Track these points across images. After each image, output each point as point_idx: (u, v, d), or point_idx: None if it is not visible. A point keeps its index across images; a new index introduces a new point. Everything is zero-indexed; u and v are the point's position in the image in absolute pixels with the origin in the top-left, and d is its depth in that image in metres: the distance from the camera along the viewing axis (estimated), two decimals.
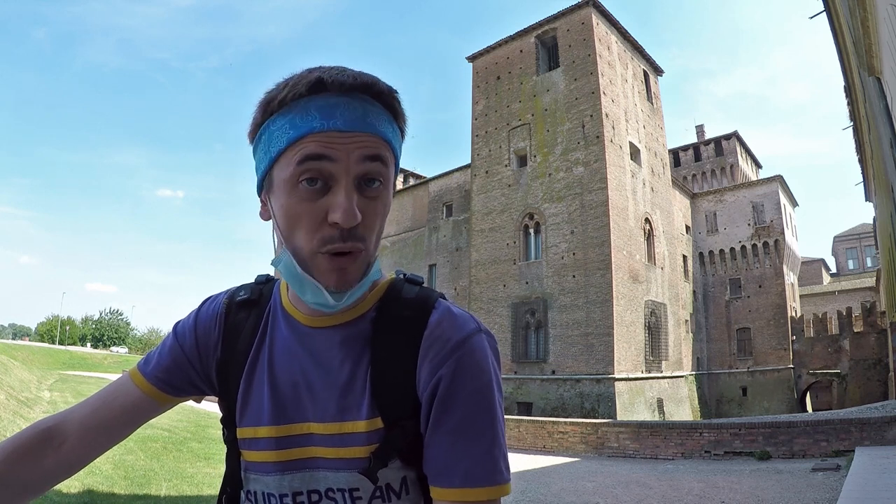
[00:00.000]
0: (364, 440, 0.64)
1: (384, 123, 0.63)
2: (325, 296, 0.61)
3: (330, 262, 0.60)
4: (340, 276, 0.61)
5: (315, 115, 0.60)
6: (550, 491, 8.55)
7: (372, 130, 0.61)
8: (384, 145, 0.62)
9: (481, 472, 0.61)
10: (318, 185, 0.59)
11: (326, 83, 0.60)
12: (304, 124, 0.60)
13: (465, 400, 0.63)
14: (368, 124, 0.61)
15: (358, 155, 0.60)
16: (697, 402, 28.37)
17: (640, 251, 24.71)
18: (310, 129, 0.59)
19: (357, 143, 0.60)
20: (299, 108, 0.60)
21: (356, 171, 0.60)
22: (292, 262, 0.62)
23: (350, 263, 0.61)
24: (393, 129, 0.65)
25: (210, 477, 7.39)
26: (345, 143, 0.59)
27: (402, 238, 32.48)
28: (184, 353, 0.73)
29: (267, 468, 0.67)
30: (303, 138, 0.59)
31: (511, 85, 27.18)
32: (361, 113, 0.61)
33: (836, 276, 48.19)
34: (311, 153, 0.59)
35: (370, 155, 0.60)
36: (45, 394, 16.60)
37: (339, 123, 0.59)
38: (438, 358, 0.64)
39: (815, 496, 7.32)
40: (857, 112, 11.08)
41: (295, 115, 0.60)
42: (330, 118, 0.59)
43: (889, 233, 11.36)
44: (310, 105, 0.60)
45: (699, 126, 46.02)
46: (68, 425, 0.69)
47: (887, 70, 4.98)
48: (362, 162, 0.60)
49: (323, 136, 0.59)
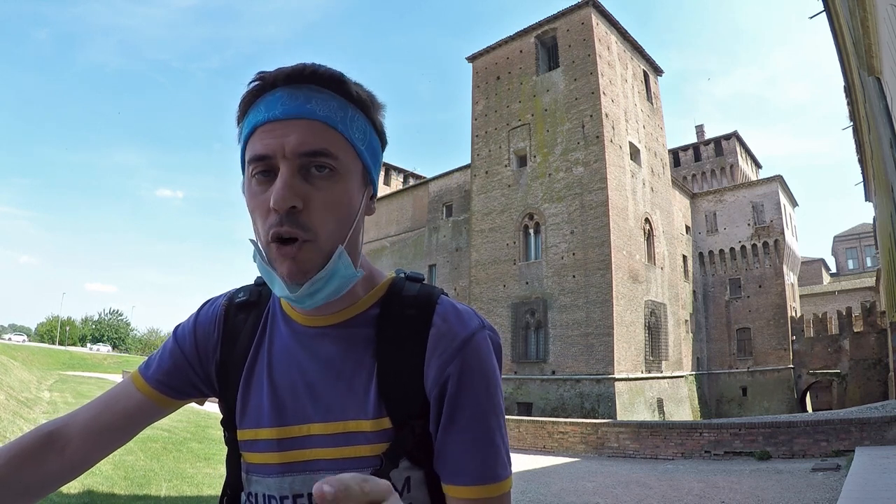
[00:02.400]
0: (369, 439, 0.64)
1: (331, 108, 0.62)
2: (286, 289, 0.61)
3: (278, 250, 0.60)
4: (291, 266, 0.60)
5: (262, 110, 0.62)
6: (550, 491, 8.54)
7: (311, 115, 0.61)
8: (327, 129, 0.61)
9: (490, 468, 0.63)
10: (269, 176, 0.61)
11: (269, 78, 0.62)
12: (254, 120, 0.62)
13: (474, 398, 0.64)
14: (308, 110, 0.61)
15: (294, 142, 0.60)
16: (697, 402, 28.37)
17: (639, 251, 24.71)
18: (256, 122, 0.61)
19: (294, 129, 0.60)
20: (254, 107, 0.63)
21: (295, 158, 0.60)
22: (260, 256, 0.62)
23: (296, 252, 0.60)
24: (345, 113, 0.63)
25: (210, 477, 7.38)
26: (282, 132, 0.60)
27: (401, 238, 32.48)
28: (184, 356, 0.73)
29: (268, 470, 0.67)
30: (253, 134, 0.62)
31: (511, 85, 27.18)
32: (303, 100, 0.61)
33: (836, 276, 48.18)
34: (254, 155, 0.61)
35: (308, 141, 0.60)
36: (45, 394, 16.60)
37: (277, 112, 0.60)
38: (446, 356, 0.64)
39: (815, 496, 7.32)
40: (857, 112, 11.08)
41: (250, 115, 0.63)
42: (272, 109, 0.61)
43: (889, 233, 11.36)
44: (260, 103, 0.62)
45: (699, 126, 46.04)
46: (71, 429, 0.70)
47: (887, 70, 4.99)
48: (300, 150, 0.60)
49: (265, 127, 0.61)
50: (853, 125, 13.04)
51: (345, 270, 0.62)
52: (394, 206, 33.49)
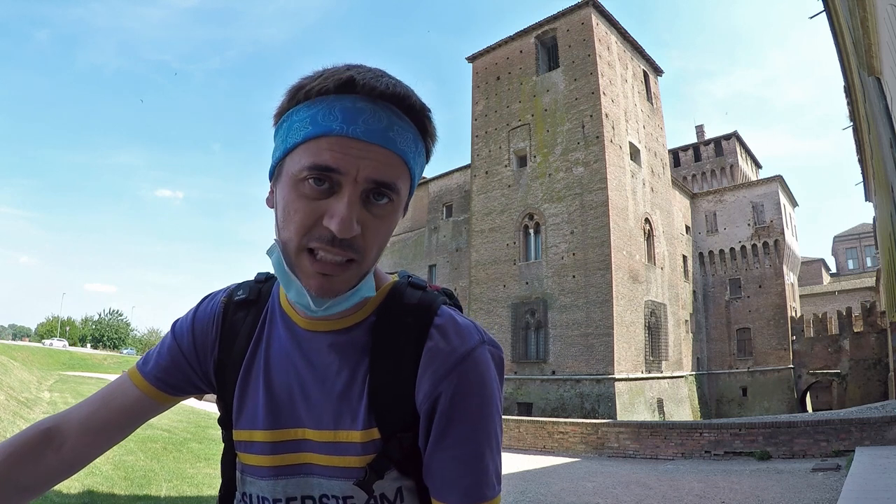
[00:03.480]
0: (359, 450, 0.63)
1: (407, 141, 0.60)
2: (307, 298, 0.59)
3: (314, 265, 0.58)
4: (324, 283, 0.59)
5: (337, 116, 0.57)
6: (550, 491, 8.54)
7: (391, 147, 0.58)
8: (401, 164, 0.60)
9: (476, 488, 0.62)
10: (324, 185, 0.57)
11: (357, 85, 0.57)
12: (324, 123, 0.57)
13: (466, 416, 0.62)
14: (389, 139, 0.58)
15: (370, 169, 0.57)
16: (697, 402, 28.37)
17: (640, 251, 24.71)
18: (329, 129, 0.57)
19: (372, 158, 0.57)
20: (325, 104, 0.58)
21: (364, 185, 0.57)
22: (281, 257, 0.60)
23: (339, 272, 0.59)
24: (416, 148, 0.62)
25: (210, 477, 7.38)
26: (359, 154, 0.57)
27: (401, 238, 32.48)
28: (182, 353, 0.73)
29: (262, 472, 0.67)
30: (320, 137, 0.57)
31: (511, 85, 27.18)
32: (386, 125, 0.58)
33: (836, 276, 48.17)
34: (321, 164, 0.56)
35: (384, 172, 0.58)
36: (45, 394, 16.60)
37: (358, 131, 0.57)
38: (440, 372, 0.62)
39: (816, 496, 7.32)
40: (857, 112, 11.08)
41: (318, 111, 0.58)
42: (352, 123, 0.57)
43: (889, 233, 11.36)
44: (335, 104, 0.58)
45: (699, 126, 46.05)
46: (68, 426, 0.69)
47: (887, 70, 4.99)
48: (373, 178, 0.57)
49: (340, 140, 0.57)
50: (853, 125, 13.03)
51: (366, 291, 0.62)
52: None
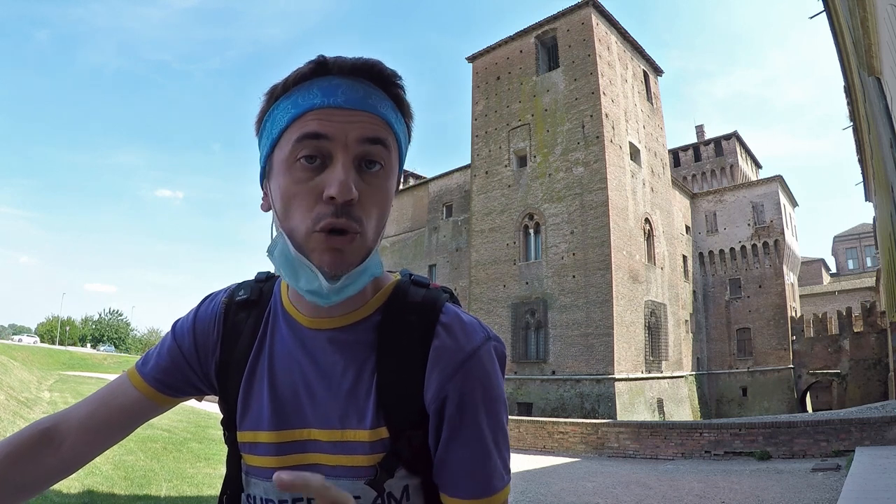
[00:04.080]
0: (367, 449, 0.63)
1: (387, 108, 0.62)
2: (320, 279, 0.59)
3: (325, 241, 0.58)
4: (336, 257, 0.59)
5: (317, 93, 0.60)
6: (550, 491, 8.54)
7: (373, 111, 0.61)
8: (386, 128, 0.62)
9: (490, 481, 0.63)
10: (316, 162, 0.59)
11: (329, 64, 0.60)
12: (305, 102, 0.60)
13: (475, 413, 0.63)
14: (370, 105, 0.61)
15: (357, 133, 0.59)
16: (697, 402, 28.37)
17: (640, 251, 24.70)
18: (311, 105, 0.59)
19: (357, 121, 0.59)
20: (303, 89, 0.60)
21: (355, 149, 0.59)
22: (287, 247, 0.60)
23: (346, 244, 0.59)
24: (396, 116, 0.64)
25: (210, 477, 7.38)
26: (344, 120, 0.59)
27: (402, 238, 32.47)
28: (182, 354, 0.72)
29: (267, 473, 0.66)
30: (304, 115, 0.59)
31: (511, 85, 27.18)
32: (363, 94, 0.61)
33: (836, 276, 48.17)
34: (310, 132, 0.58)
35: (370, 135, 0.60)
36: (45, 394, 16.60)
37: (339, 100, 0.59)
38: (448, 371, 0.63)
39: (815, 496, 7.32)
40: (857, 112, 11.08)
41: (298, 96, 0.60)
42: (331, 95, 0.59)
43: (889, 233, 11.36)
44: (312, 86, 0.60)
45: (699, 126, 46.06)
46: (67, 426, 0.69)
47: (887, 70, 4.98)
48: (362, 141, 0.59)
49: (323, 112, 0.59)
50: (853, 125, 13.03)
51: (374, 269, 0.62)
52: (394, 206, 31.14)
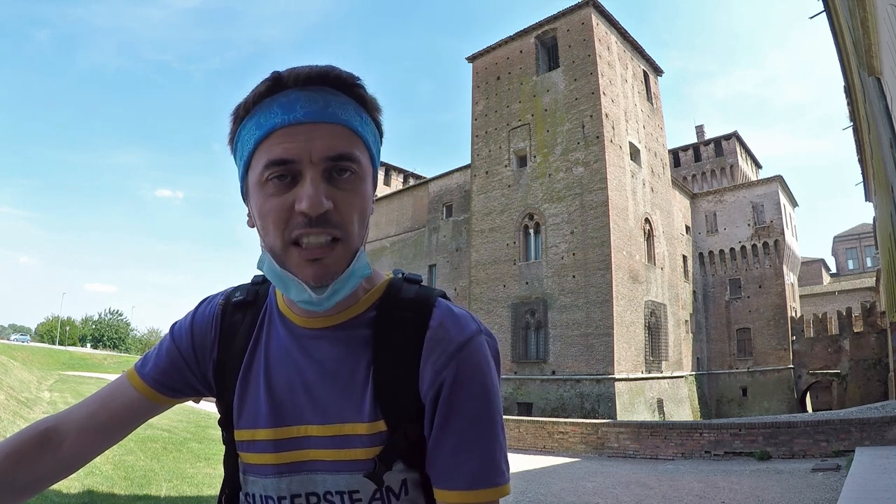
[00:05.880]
0: (365, 442, 0.64)
1: (349, 112, 0.62)
2: (308, 292, 0.60)
3: (301, 253, 0.60)
4: (317, 269, 0.60)
5: (277, 111, 0.60)
6: (550, 491, 8.54)
7: (334, 120, 0.61)
8: (351, 134, 0.62)
9: (484, 474, 0.63)
10: (287, 179, 0.59)
11: (283, 78, 0.60)
12: (267, 122, 0.60)
13: (467, 403, 0.63)
14: (330, 114, 0.60)
15: (321, 147, 0.59)
16: (697, 402, 28.36)
17: (640, 251, 24.70)
18: (272, 125, 0.60)
19: (320, 134, 0.59)
20: (263, 108, 0.61)
21: (322, 163, 0.59)
22: (272, 262, 0.61)
23: (328, 254, 0.60)
24: (361, 118, 0.64)
25: (210, 477, 7.38)
26: (307, 136, 0.59)
27: (401, 238, 32.47)
28: (180, 355, 0.73)
29: (265, 471, 0.67)
30: (268, 137, 0.60)
31: (511, 85, 27.18)
32: (323, 104, 0.60)
33: (836, 276, 48.16)
34: (275, 158, 0.59)
35: (333, 153, 0.60)
36: (45, 394, 16.60)
37: (299, 115, 0.59)
38: (441, 360, 0.64)
39: (815, 496, 7.32)
40: (857, 112, 11.08)
41: (260, 116, 0.61)
42: (291, 111, 0.59)
43: (889, 233, 11.36)
44: (273, 104, 0.60)
45: (699, 126, 46.09)
46: (66, 426, 0.69)
47: (887, 70, 4.99)
48: (327, 154, 0.59)
49: (286, 131, 0.59)
50: (853, 125, 13.03)
51: (362, 270, 0.63)
52: (394, 207, 33.47)
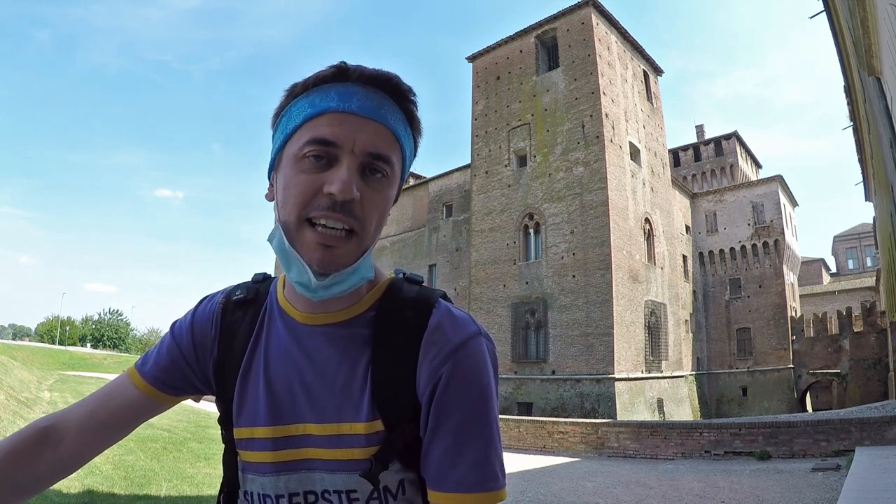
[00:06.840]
0: (362, 442, 0.64)
1: (397, 120, 0.65)
2: (308, 274, 0.60)
3: (316, 236, 0.60)
4: (326, 255, 0.60)
5: (333, 97, 0.62)
6: (550, 491, 8.54)
7: (384, 121, 0.63)
8: (393, 140, 0.64)
9: (476, 477, 0.62)
10: (323, 161, 0.61)
11: (349, 71, 0.63)
12: (321, 103, 0.62)
13: (462, 404, 0.63)
14: (382, 115, 0.63)
15: (365, 141, 0.62)
16: (697, 402, 28.36)
17: (639, 251, 24.70)
18: (326, 107, 0.62)
19: (367, 129, 0.62)
20: (321, 91, 0.63)
21: (361, 157, 0.61)
22: (282, 237, 0.62)
23: (341, 243, 0.61)
24: (406, 131, 0.66)
25: (210, 477, 7.38)
26: (355, 126, 0.61)
27: (402, 238, 32.47)
28: (181, 353, 0.73)
29: (263, 469, 0.67)
30: (319, 116, 0.62)
31: (511, 85, 27.17)
32: (377, 104, 0.63)
33: (836, 276, 48.15)
34: (320, 137, 0.61)
35: (375, 150, 0.62)
36: (45, 394, 16.59)
37: (354, 106, 0.62)
38: (438, 360, 0.63)
39: (816, 496, 7.32)
40: (857, 112, 11.07)
41: (315, 97, 0.63)
42: (347, 101, 0.62)
43: (889, 232, 11.36)
44: (331, 90, 0.63)
45: (699, 126, 46.05)
46: (66, 425, 0.69)
47: (887, 70, 4.98)
48: (369, 149, 0.62)
49: (337, 116, 0.62)
50: (853, 125, 13.02)
51: (365, 271, 0.64)
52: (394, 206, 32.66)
